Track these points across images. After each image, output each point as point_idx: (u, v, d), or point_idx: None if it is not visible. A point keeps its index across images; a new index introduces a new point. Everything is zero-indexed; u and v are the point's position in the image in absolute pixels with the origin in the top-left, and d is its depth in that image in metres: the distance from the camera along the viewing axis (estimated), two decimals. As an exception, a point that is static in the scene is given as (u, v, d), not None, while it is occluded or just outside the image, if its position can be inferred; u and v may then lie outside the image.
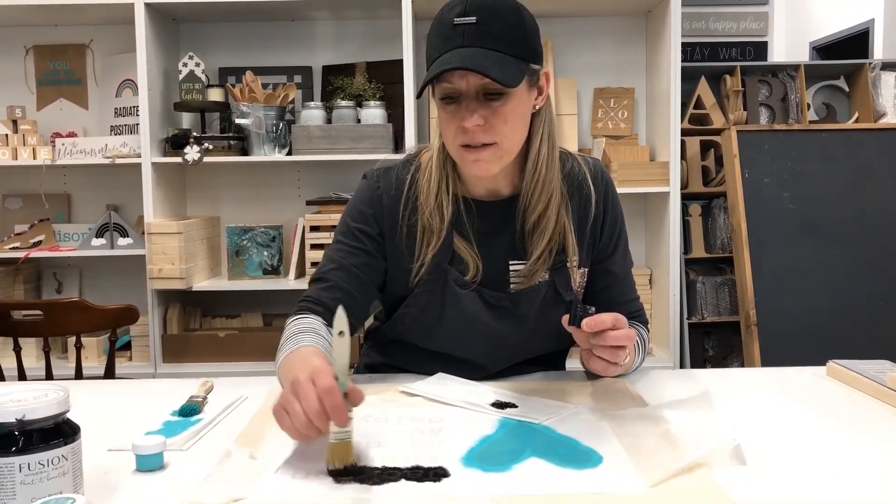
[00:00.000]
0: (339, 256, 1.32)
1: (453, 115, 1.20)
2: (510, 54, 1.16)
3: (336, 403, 0.89)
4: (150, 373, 2.68)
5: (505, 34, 1.16)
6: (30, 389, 0.83)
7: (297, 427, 0.90)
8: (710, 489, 0.86)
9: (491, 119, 1.18)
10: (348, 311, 1.28)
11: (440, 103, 1.22)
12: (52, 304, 1.95)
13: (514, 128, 1.22)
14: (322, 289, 1.30)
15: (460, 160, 1.25)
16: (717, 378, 1.39)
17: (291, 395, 0.91)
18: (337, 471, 0.90)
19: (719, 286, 3.02)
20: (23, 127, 2.82)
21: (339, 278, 1.30)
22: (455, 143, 1.22)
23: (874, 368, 1.27)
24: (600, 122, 2.93)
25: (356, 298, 1.31)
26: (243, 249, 2.78)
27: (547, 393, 1.24)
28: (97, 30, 2.99)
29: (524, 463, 0.95)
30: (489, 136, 1.19)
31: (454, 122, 1.20)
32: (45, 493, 0.78)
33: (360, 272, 1.31)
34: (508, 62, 1.16)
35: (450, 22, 1.16)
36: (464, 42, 1.15)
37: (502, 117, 1.19)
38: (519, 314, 1.33)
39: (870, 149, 2.86)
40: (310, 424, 0.89)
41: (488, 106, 1.18)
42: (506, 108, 1.18)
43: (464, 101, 1.18)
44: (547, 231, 1.29)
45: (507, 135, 1.21)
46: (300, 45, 2.97)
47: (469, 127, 1.18)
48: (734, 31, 3.95)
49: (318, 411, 0.89)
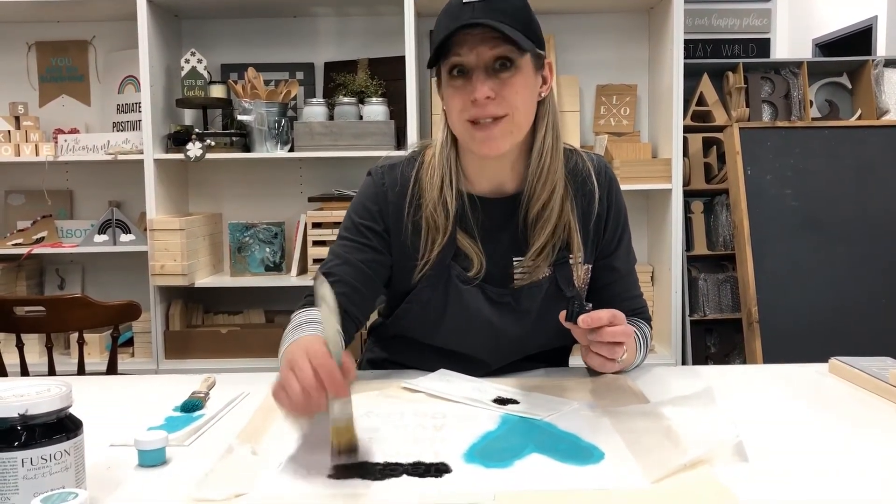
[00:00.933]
0: (343, 252, 1.33)
1: (461, 90, 1.20)
2: (519, 30, 1.18)
3: (331, 373, 0.89)
4: (152, 369, 2.69)
5: (514, 12, 1.18)
6: (32, 385, 0.84)
7: (295, 401, 0.90)
8: (712, 486, 0.86)
9: (501, 91, 1.19)
10: (353, 306, 1.29)
11: (447, 78, 1.22)
12: (54, 300, 1.95)
13: (524, 100, 1.22)
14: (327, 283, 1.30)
15: (469, 138, 1.24)
16: (719, 375, 1.39)
17: (289, 373, 0.92)
18: (340, 464, 0.91)
19: (721, 283, 3.01)
20: (25, 123, 2.82)
21: (344, 273, 1.31)
22: (462, 118, 1.22)
23: (876, 365, 1.27)
24: (602, 119, 2.93)
25: (361, 293, 1.31)
26: (245, 246, 2.79)
27: (549, 389, 1.24)
28: (99, 26, 2.99)
29: (526, 459, 0.95)
30: (500, 107, 1.20)
31: (462, 95, 1.20)
32: (47, 488, 0.78)
33: (366, 267, 1.32)
34: (518, 35, 1.17)
35: (458, 2, 1.18)
36: (474, 16, 1.16)
37: (513, 88, 1.19)
38: (521, 310, 1.33)
39: (872, 146, 2.86)
40: (308, 397, 0.89)
41: (497, 78, 1.19)
42: (516, 80, 1.19)
43: (473, 74, 1.19)
44: (549, 223, 1.29)
45: (518, 106, 1.21)
46: (302, 42, 2.97)
47: (479, 98, 1.18)
48: (737, 27, 3.94)
49: (314, 384, 0.89)
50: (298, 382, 0.90)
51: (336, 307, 0.97)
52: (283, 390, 0.92)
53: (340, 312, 1.25)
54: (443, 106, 1.28)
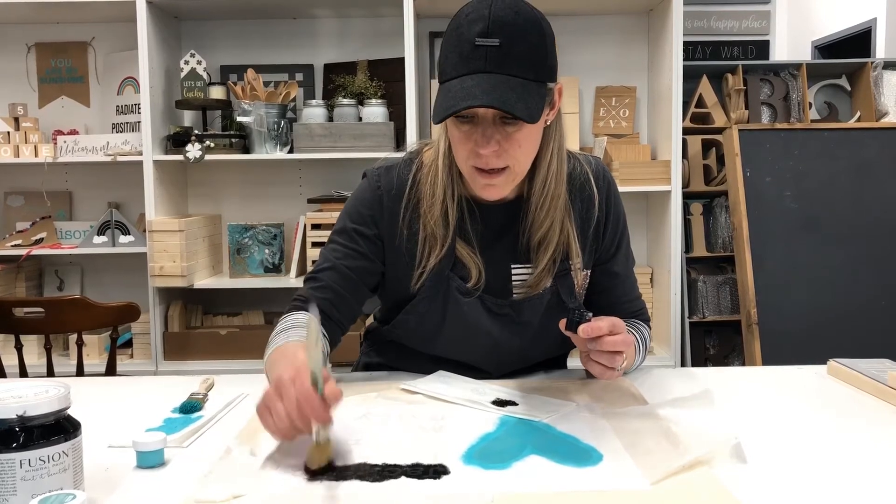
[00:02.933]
0: (333, 256, 1.32)
1: (467, 136, 1.17)
2: (531, 79, 1.13)
3: (315, 407, 0.90)
4: (151, 370, 2.69)
5: (527, 57, 1.13)
6: (31, 386, 0.84)
7: (279, 426, 0.91)
8: (711, 487, 0.86)
9: (505, 144, 1.16)
10: (337, 312, 1.30)
11: (454, 121, 1.18)
12: (53, 301, 1.95)
13: (527, 151, 1.21)
14: (313, 288, 1.30)
15: (471, 181, 1.23)
16: (718, 376, 1.39)
17: (274, 395, 0.93)
18: (314, 471, 0.91)
19: (720, 285, 3.01)
20: (25, 124, 2.82)
21: (330, 279, 1.30)
22: (468, 163, 1.20)
23: (875, 367, 1.27)
24: (602, 121, 2.93)
25: (346, 299, 1.31)
26: (244, 247, 2.79)
27: (547, 391, 1.24)
28: (99, 27, 2.99)
29: (524, 461, 0.95)
30: (502, 160, 1.18)
31: (468, 143, 1.18)
32: (45, 489, 0.78)
33: (353, 274, 1.31)
34: (530, 91, 1.13)
35: (470, 41, 1.12)
36: (486, 67, 1.11)
37: (517, 143, 1.17)
38: (522, 322, 1.32)
39: (871, 148, 2.86)
40: (292, 426, 0.90)
41: (504, 131, 1.16)
42: (520, 134, 1.16)
43: (480, 126, 1.16)
44: (552, 244, 1.29)
45: (519, 159, 1.20)
46: (302, 43, 2.97)
47: (485, 153, 1.16)
48: (736, 29, 3.94)
49: (298, 415, 0.90)
50: (284, 408, 0.91)
51: (321, 336, 0.96)
52: (269, 412, 0.93)
53: (324, 318, 1.26)
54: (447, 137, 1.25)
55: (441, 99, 1.14)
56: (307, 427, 0.91)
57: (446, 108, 1.12)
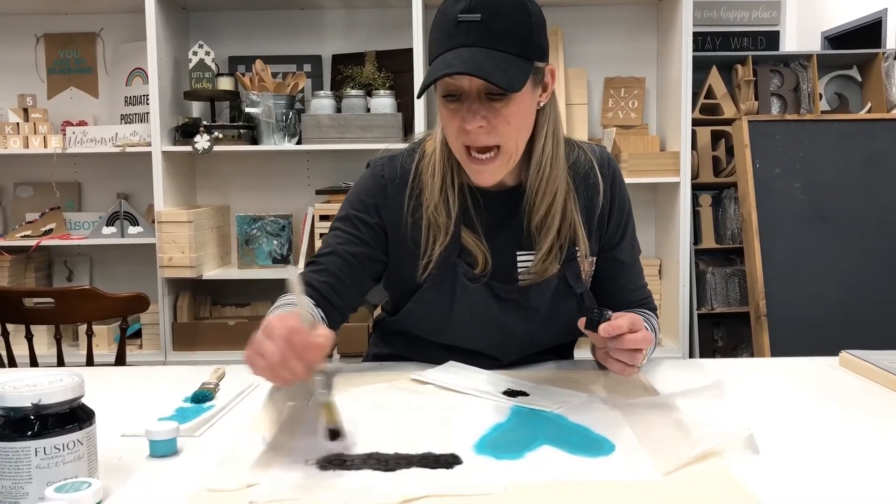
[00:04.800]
0: (335, 242, 1.32)
1: (455, 114, 1.18)
2: (515, 53, 1.13)
3: (305, 340, 0.89)
4: (160, 361, 2.70)
5: (510, 32, 1.13)
6: (45, 375, 0.84)
7: (272, 364, 0.90)
8: (723, 477, 0.86)
9: (493, 120, 1.16)
10: (337, 297, 1.30)
11: (442, 100, 1.19)
12: (63, 291, 1.95)
13: (517, 128, 1.20)
14: (313, 272, 1.30)
15: (465, 166, 1.24)
16: (729, 368, 1.39)
17: (263, 336, 0.92)
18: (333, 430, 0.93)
19: (729, 277, 3.01)
20: (34, 115, 2.83)
21: (331, 263, 1.30)
22: (458, 142, 1.20)
23: (888, 359, 1.27)
24: (611, 112, 2.92)
25: (346, 284, 1.30)
26: (253, 238, 2.79)
27: (559, 381, 1.24)
28: (107, 18, 2.99)
29: (536, 451, 0.95)
30: (491, 137, 1.18)
31: (456, 120, 1.18)
32: (60, 477, 0.78)
33: (354, 259, 1.31)
34: (512, 63, 1.13)
35: (453, 18, 1.13)
36: (467, 41, 1.12)
37: (504, 118, 1.16)
38: (529, 307, 1.32)
39: (882, 139, 2.84)
40: (283, 361, 0.89)
41: (490, 106, 1.16)
42: (508, 110, 1.16)
43: (465, 101, 1.16)
44: (553, 227, 1.28)
45: (509, 136, 1.19)
46: (310, 34, 2.96)
47: (471, 129, 1.16)
48: (746, 20, 3.91)
49: (288, 346, 0.89)
50: (274, 345, 0.90)
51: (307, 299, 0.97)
52: (258, 354, 0.92)
53: (325, 302, 1.26)
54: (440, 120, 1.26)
55: (425, 76, 1.16)
56: (299, 363, 0.89)
57: (425, 81, 1.14)
